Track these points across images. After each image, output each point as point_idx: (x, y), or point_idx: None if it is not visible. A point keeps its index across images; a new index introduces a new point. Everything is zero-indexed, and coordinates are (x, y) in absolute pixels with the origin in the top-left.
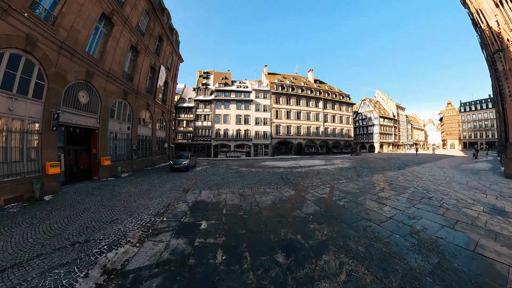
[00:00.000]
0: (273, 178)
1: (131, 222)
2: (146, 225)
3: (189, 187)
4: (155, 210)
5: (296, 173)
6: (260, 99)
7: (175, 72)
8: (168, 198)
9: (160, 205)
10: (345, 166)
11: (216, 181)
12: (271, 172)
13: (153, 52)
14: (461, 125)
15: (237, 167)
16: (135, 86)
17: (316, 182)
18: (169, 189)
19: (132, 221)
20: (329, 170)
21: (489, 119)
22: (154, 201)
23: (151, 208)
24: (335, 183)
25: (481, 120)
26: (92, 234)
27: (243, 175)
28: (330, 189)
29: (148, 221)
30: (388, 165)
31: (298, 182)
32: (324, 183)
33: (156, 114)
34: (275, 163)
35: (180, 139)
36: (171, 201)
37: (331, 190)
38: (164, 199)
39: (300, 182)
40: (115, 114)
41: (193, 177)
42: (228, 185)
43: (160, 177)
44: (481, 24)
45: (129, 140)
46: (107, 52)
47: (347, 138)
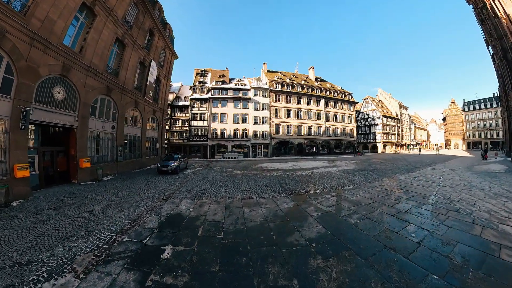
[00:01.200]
0: (269, 183)
1: (87, 241)
2: (102, 246)
3: (171, 194)
4: (120, 226)
5: (296, 177)
6: (259, 97)
7: (168, 68)
8: (141, 209)
9: (128, 219)
10: (350, 168)
11: (203, 186)
12: (268, 175)
13: (142, 47)
14: (465, 124)
15: (231, 170)
16: (121, 82)
17: (319, 189)
18: (147, 196)
19: (89, 239)
20: (333, 173)
21: (493, 119)
22: (124, 212)
23: (117, 222)
24: (341, 191)
25: (485, 119)
26: (38, 254)
27: (236, 180)
28: (337, 199)
29: (107, 240)
30: (396, 167)
31: (298, 189)
32: (328, 191)
33: (146, 112)
34: (273, 164)
35: (175, 139)
36: (142, 213)
37: (338, 200)
38: (137, 210)
39: (301, 188)
40: (96, 111)
41: (179, 182)
42: (215, 192)
43: (144, 181)
44: (497, 13)
45: (114, 141)
46: (87, 45)
47: (350, 138)
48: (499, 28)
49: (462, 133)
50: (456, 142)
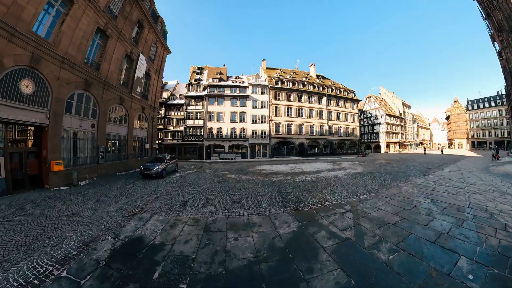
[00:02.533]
0: (267, 192)
1: (19, 270)
2: (32, 281)
3: (144, 207)
4: (66, 251)
5: (299, 184)
6: (258, 95)
7: (160, 64)
8: (100, 226)
9: (79, 241)
10: (358, 171)
11: (187, 196)
12: (266, 181)
13: (129, 39)
14: (469, 123)
15: (225, 173)
16: (103, 75)
17: (328, 200)
18: (116, 208)
19: (19, 270)
20: (340, 177)
21: (498, 117)
22: (80, 230)
23: (65, 244)
24: (356, 202)
25: (489, 118)
26: None
27: (227, 186)
28: (353, 215)
29: (41, 272)
30: (407, 168)
31: (302, 201)
32: (340, 202)
33: (133, 110)
34: (273, 167)
35: (169, 139)
36: (100, 233)
37: (355, 218)
38: (95, 227)
39: (306, 200)
40: (73, 108)
41: (161, 188)
42: (198, 205)
43: (123, 186)
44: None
45: (94, 141)
46: (62, 34)
47: (353, 137)
48: None
49: (466, 133)
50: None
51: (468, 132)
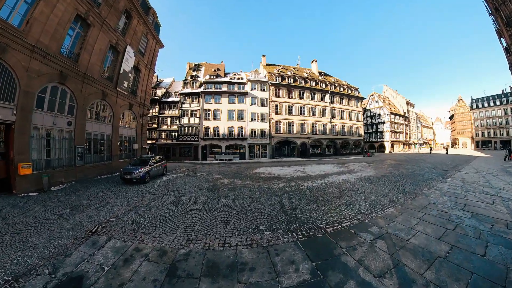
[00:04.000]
0: (266, 204)
1: None
2: None
3: (105, 224)
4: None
5: (305, 192)
6: (257, 91)
7: (151, 58)
8: (44, 252)
9: (8, 273)
10: (370, 174)
11: (163, 209)
12: (266, 188)
13: (114, 29)
14: (473, 122)
15: (218, 177)
16: (82, 68)
17: (346, 218)
18: (74, 224)
19: None
20: (353, 183)
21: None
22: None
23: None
24: (383, 221)
25: (494, 117)
26: None
27: (217, 196)
28: (387, 245)
29: None
30: (422, 170)
31: (312, 219)
32: (362, 221)
33: (118, 107)
34: (273, 169)
35: (163, 138)
36: (38, 262)
37: (391, 251)
38: (37, 253)
39: (317, 217)
40: (45, 103)
41: (138, 197)
42: (173, 225)
43: (96, 194)
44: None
45: (71, 140)
46: (34, 20)
47: (357, 137)
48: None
49: (470, 132)
50: (464, 141)
51: (472, 132)
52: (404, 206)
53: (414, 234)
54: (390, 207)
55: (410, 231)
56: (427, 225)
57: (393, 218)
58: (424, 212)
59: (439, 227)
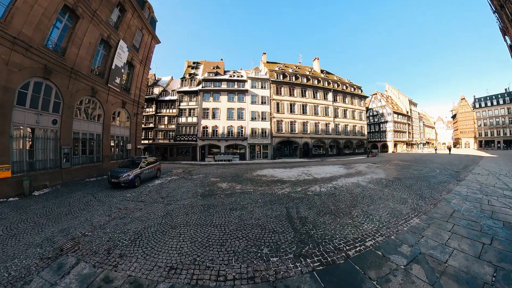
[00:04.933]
0: (270, 217)
1: None
2: None
3: (79, 240)
4: None
5: (313, 199)
6: (257, 89)
7: (147, 54)
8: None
9: None
10: (381, 176)
11: (148, 222)
12: (269, 194)
13: (106, 21)
14: (476, 122)
15: (216, 180)
16: (70, 62)
17: (369, 234)
18: (44, 239)
19: None
20: (364, 186)
21: (506, 116)
22: None
23: None
24: (411, 235)
25: (497, 116)
26: None
27: (212, 205)
28: (425, 270)
29: None
30: (432, 171)
31: (327, 237)
32: (388, 237)
33: (110, 104)
34: (276, 171)
35: (160, 138)
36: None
37: (431, 279)
38: None
39: (332, 233)
40: (27, 100)
41: (123, 205)
42: (155, 245)
43: (79, 200)
44: None
45: (56, 140)
46: (16, 10)
47: (360, 136)
48: None
49: (473, 131)
50: (467, 140)
51: (475, 131)
52: (428, 215)
53: (451, 253)
54: (414, 217)
55: (445, 249)
56: (461, 240)
57: (421, 231)
58: (453, 223)
59: (474, 242)
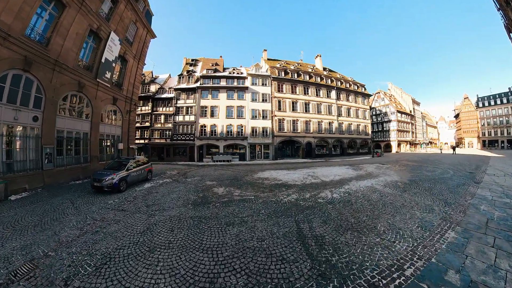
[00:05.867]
0: (276, 234)
1: None
2: None
3: (36, 263)
4: None
5: (326, 208)
6: (258, 86)
7: (141, 48)
8: None
9: None
10: (394, 178)
11: (124, 239)
12: (273, 202)
13: (96, 12)
14: (480, 121)
15: (212, 184)
16: (54, 53)
17: (402, 257)
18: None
19: None
20: (381, 191)
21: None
22: None
23: None
24: (453, 256)
25: (501, 116)
26: None
27: (204, 217)
28: None
29: None
30: (445, 172)
31: (354, 265)
32: (425, 257)
33: (99, 101)
34: (279, 173)
35: (156, 138)
36: None
37: None
38: None
39: (359, 260)
40: (4, 94)
41: (101, 216)
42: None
43: (57, 207)
44: None
45: (38, 139)
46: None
47: (364, 135)
48: None
49: (476, 131)
50: (471, 140)
51: (478, 131)
52: (462, 225)
53: (506, 279)
54: (448, 230)
55: (497, 272)
56: (510, 259)
57: (462, 249)
58: (492, 236)
59: None
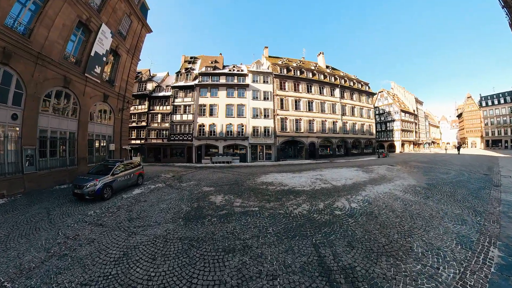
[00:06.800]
0: (290, 264)
1: None
2: None
3: None
4: None
5: (348, 222)
6: (259, 84)
7: (136, 43)
8: None
9: None
10: (411, 182)
11: (91, 270)
12: (282, 215)
13: (85, 2)
14: (483, 121)
15: (210, 190)
16: (37, 45)
17: None
18: None
19: None
20: (403, 198)
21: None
22: None
23: None
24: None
25: (505, 115)
26: None
27: (196, 239)
28: None
29: None
30: (460, 174)
31: None
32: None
33: (88, 97)
34: (284, 177)
35: (153, 138)
36: None
37: None
38: None
39: None
40: None
41: (74, 231)
42: None
43: (31, 218)
44: None
45: (17, 139)
46: None
47: (369, 135)
48: None
49: (480, 131)
50: (474, 140)
51: (482, 130)
52: (503, 240)
53: None
54: (489, 246)
55: None
56: None
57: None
58: None
59: None
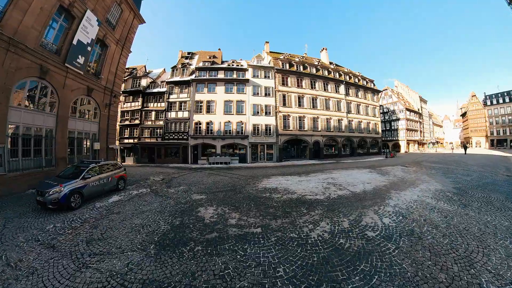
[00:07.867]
0: None
1: None
2: None
3: None
4: None
5: (386, 249)
6: (260, 79)
7: (126, 33)
8: None
9: None
10: (437, 187)
11: None
12: (294, 240)
13: None
14: (488, 120)
15: (199, 199)
16: (9, 30)
17: None
18: None
19: None
20: (439, 209)
21: None
22: None
23: None
24: None
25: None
26: None
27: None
28: None
29: None
30: (483, 176)
31: None
32: None
33: (68, 90)
34: (289, 181)
35: (147, 137)
36: None
37: None
38: None
39: None
40: None
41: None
42: None
43: None
44: None
45: None
46: None
47: (374, 134)
48: None
49: (485, 130)
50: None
51: (487, 130)
52: None
53: None
54: None
55: None
56: None
57: None
58: None
59: None
